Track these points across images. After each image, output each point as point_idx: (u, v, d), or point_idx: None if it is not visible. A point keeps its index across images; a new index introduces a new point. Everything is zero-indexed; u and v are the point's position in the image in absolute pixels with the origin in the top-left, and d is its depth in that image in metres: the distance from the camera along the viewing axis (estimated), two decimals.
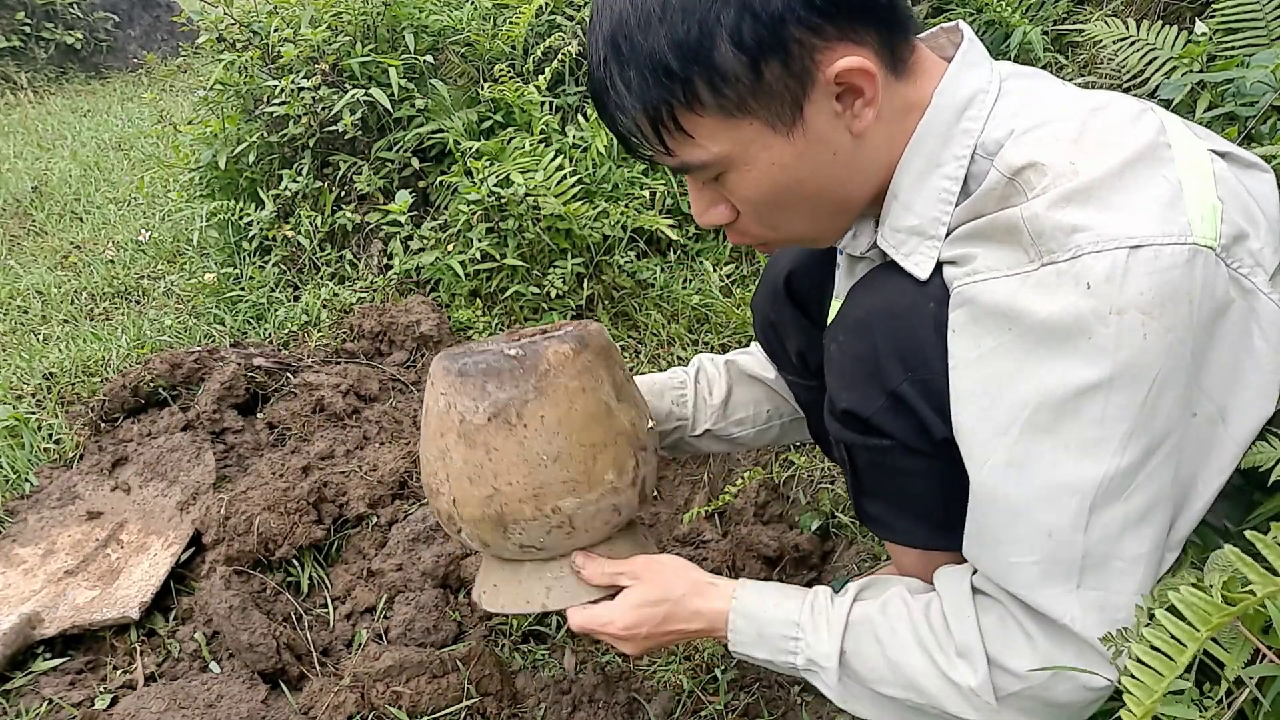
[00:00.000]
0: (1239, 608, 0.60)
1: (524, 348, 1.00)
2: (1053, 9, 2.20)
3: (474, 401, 0.98)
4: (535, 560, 1.07)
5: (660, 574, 1.02)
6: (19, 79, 6.30)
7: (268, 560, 1.56)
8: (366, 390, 2.07)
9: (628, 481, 1.04)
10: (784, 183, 0.82)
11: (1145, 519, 0.73)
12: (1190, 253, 0.69)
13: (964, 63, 0.83)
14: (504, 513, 1.00)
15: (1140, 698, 0.61)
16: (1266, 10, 1.48)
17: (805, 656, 0.91)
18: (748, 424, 1.31)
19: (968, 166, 0.80)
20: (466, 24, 2.77)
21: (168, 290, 2.91)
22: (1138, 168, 0.72)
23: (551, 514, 1.00)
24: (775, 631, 0.93)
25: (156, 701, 1.29)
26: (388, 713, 1.27)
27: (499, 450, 0.98)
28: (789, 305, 1.17)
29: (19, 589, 1.56)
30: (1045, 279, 0.71)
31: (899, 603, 0.88)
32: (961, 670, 0.80)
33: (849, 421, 0.89)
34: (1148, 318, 0.68)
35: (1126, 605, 0.74)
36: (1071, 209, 0.71)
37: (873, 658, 0.87)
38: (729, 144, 0.80)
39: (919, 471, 0.86)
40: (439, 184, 2.55)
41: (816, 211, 0.87)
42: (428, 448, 1.05)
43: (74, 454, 1.91)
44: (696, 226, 2.45)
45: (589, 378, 1.01)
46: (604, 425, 1.02)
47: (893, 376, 0.84)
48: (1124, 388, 0.69)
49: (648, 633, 1.00)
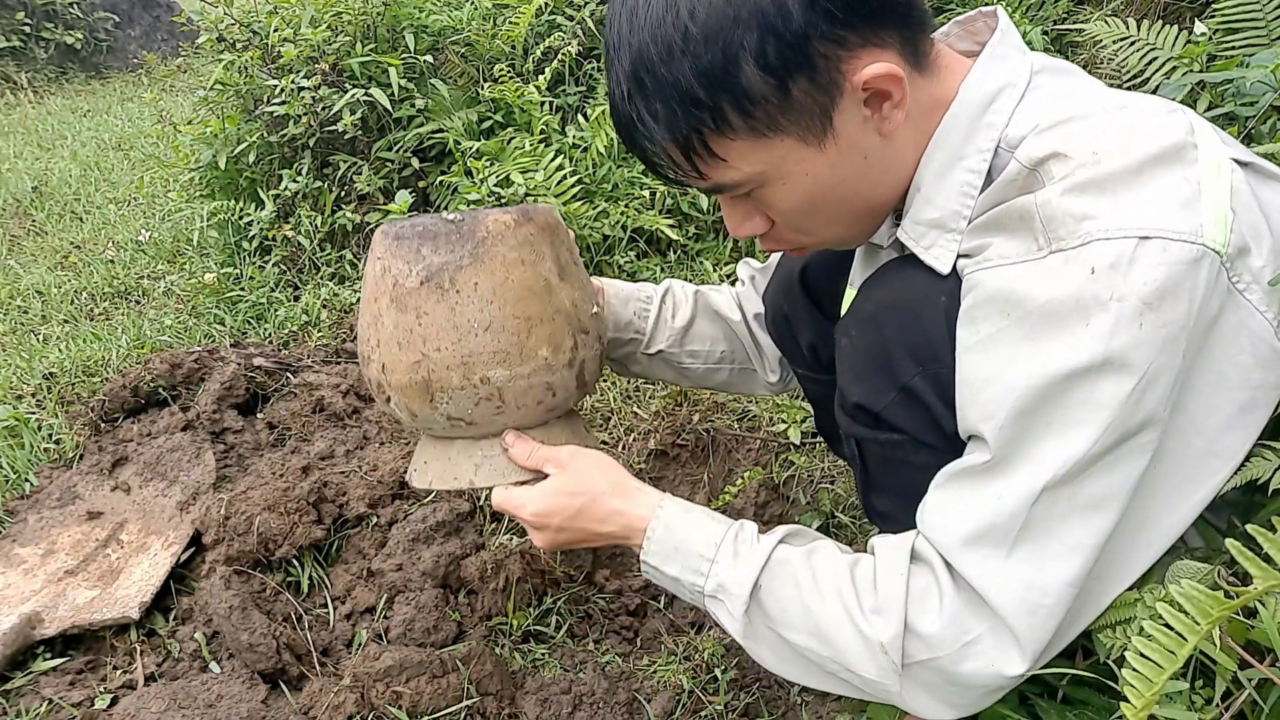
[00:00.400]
0: (1238, 601, 0.60)
1: (465, 216, 0.98)
2: (1053, 9, 2.20)
3: (408, 265, 0.96)
4: (466, 438, 1.04)
5: (584, 466, 0.99)
6: (19, 79, 6.30)
7: (268, 560, 1.55)
8: (366, 390, 2.07)
9: (564, 361, 1.01)
10: (819, 191, 0.83)
11: (1097, 508, 0.73)
12: (1199, 253, 0.69)
13: (993, 55, 0.82)
14: (431, 380, 0.97)
15: (1140, 690, 0.61)
16: (1266, 10, 1.48)
17: (716, 581, 0.88)
18: (700, 358, 1.29)
19: (991, 160, 0.80)
20: (466, 24, 2.78)
21: (168, 290, 2.91)
22: (1160, 164, 0.72)
23: (480, 384, 0.97)
24: (693, 549, 0.90)
25: (156, 701, 1.29)
26: (388, 713, 1.27)
27: (429, 315, 0.96)
28: (803, 298, 1.17)
29: (19, 589, 1.56)
30: (1051, 265, 0.71)
31: (827, 554, 0.86)
32: (876, 625, 0.79)
33: (860, 415, 0.89)
34: (1147, 309, 0.68)
35: (1055, 591, 0.73)
36: (1085, 197, 0.71)
37: (787, 599, 0.85)
38: (762, 163, 0.80)
39: (929, 465, 0.85)
40: (439, 184, 2.55)
41: (850, 215, 0.87)
42: (363, 315, 1.03)
43: (74, 454, 1.91)
44: (697, 227, 2.45)
45: (529, 250, 0.98)
46: (542, 300, 0.99)
47: (904, 370, 0.84)
48: (1113, 375, 0.69)
49: (559, 524, 0.97)
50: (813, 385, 1.26)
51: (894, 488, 0.93)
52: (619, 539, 0.97)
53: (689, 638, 1.45)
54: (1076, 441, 0.71)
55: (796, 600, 0.84)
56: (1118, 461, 0.72)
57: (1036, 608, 0.74)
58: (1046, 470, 0.72)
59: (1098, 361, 0.69)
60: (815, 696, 1.32)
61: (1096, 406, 0.70)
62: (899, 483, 0.91)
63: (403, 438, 1.89)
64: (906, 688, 0.79)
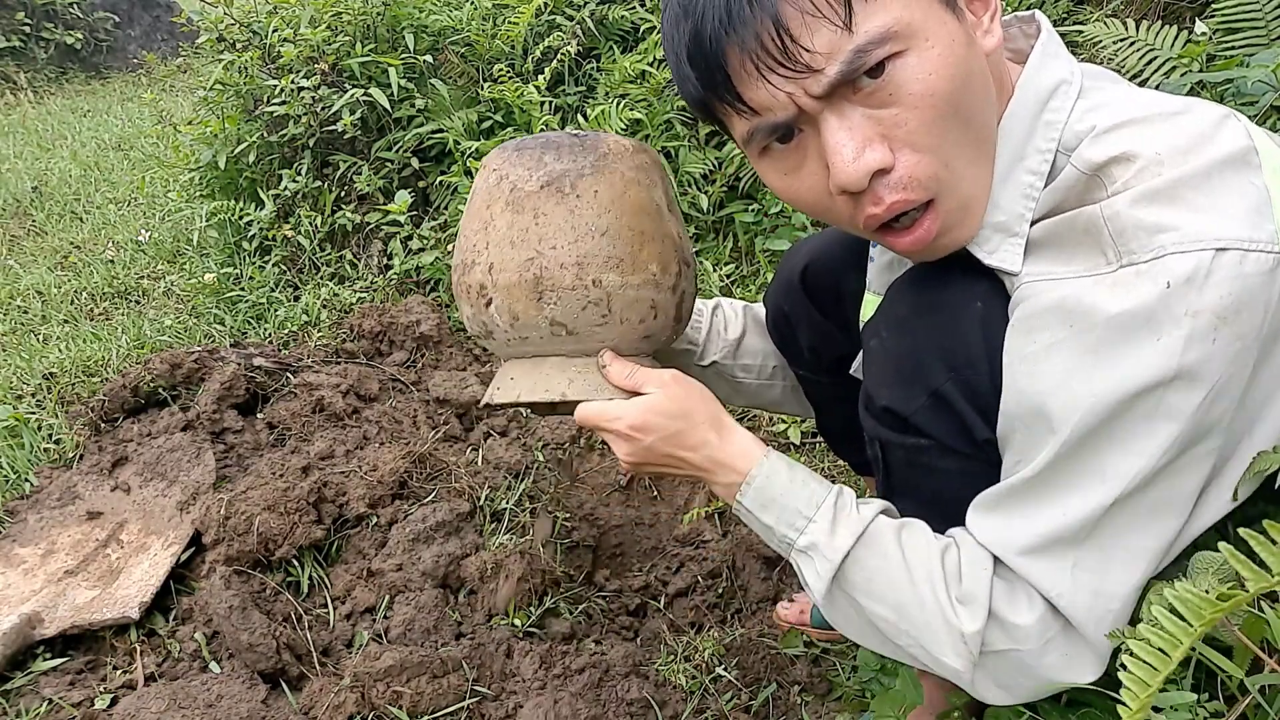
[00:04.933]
0: (1231, 603, 0.60)
1: (587, 133, 1.01)
2: (1052, 9, 2.20)
3: (528, 171, 0.98)
4: (560, 355, 1.03)
5: (689, 391, 0.96)
6: (19, 79, 6.30)
7: (268, 560, 1.56)
8: (366, 390, 2.07)
9: (670, 283, 1.02)
10: (963, 73, 0.73)
11: (1160, 514, 0.72)
12: (1275, 262, 0.67)
13: (1045, 52, 0.80)
14: (543, 276, 0.96)
15: (1136, 692, 0.61)
16: (1266, 10, 1.48)
17: (810, 539, 0.87)
18: (753, 372, 1.28)
19: (1052, 160, 0.78)
20: (466, 24, 2.78)
21: (168, 290, 2.91)
22: (1226, 171, 0.70)
23: (591, 286, 0.97)
24: (793, 505, 0.88)
25: (156, 701, 1.29)
26: (388, 713, 1.28)
27: (547, 215, 0.97)
28: (803, 298, 1.17)
29: (19, 589, 1.56)
30: (1123, 279, 0.68)
31: (920, 534, 0.85)
32: (963, 615, 0.78)
33: (887, 419, 0.87)
34: (1222, 323, 0.66)
35: (1121, 596, 0.73)
36: (1156, 207, 0.68)
37: (875, 569, 0.83)
38: (912, 6, 0.71)
39: (955, 472, 0.84)
40: (439, 184, 2.55)
41: (975, 141, 0.77)
42: (468, 225, 1.03)
43: (74, 454, 1.91)
44: (697, 228, 2.45)
45: (644, 175, 1.01)
46: (654, 221, 1.00)
47: (936, 375, 0.82)
48: (1183, 389, 0.67)
49: (651, 443, 0.94)
50: (814, 387, 1.25)
51: (916, 493, 0.91)
52: (701, 471, 0.94)
53: (689, 638, 1.45)
54: (1144, 454, 0.69)
55: (883, 572, 0.83)
56: (1184, 468, 0.71)
57: (1105, 614, 0.74)
58: (1115, 485, 0.71)
59: (1169, 377, 0.67)
60: (815, 697, 1.32)
61: (1165, 419, 0.68)
62: (922, 488, 0.90)
63: (402, 438, 1.90)
64: (979, 676, 0.79)
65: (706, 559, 1.60)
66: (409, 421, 1.97)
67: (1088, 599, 0.74)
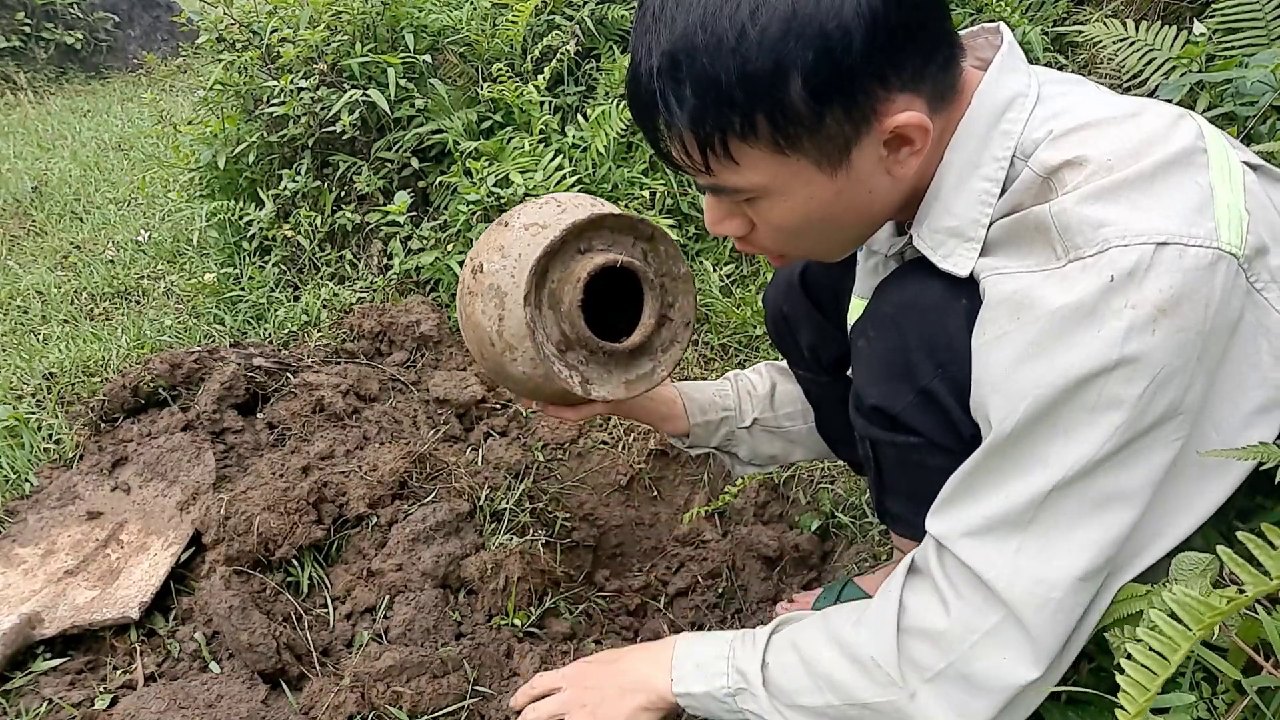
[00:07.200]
0: (1230, 606, 0.60)
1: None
2: (1052, 9, 2.20)
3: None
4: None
5: (587, 668, 1.11)
6: (19, 79, 6.30)
7: (268, 560, 1.56)
8: (366, 390, 2.07)
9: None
10: (816, 215, 0.82)
11: (1108, 505, 0.73)
12: (1214, 257, 0.69)
13: (1004, 66, 0.83)
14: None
15: (1134, 696, 0.61)
16: (1266, 10, 1.49)
17: (737, 671, 0.93)
18: (798, 418, 1.32)
19: (1007, 169, 0.80)
20: (465, 24, 2.78)
21: (168, 290, 2.91)
22: (1171, 170, 0.72)
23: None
24: (710, 659, 0.96)
25: (156, 701, 1.29)
26: (388, 713, 1.28)
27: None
28: (803, 298, 1.18)
29: (19, 589, 1.56)
30: (1069, 273, 0.71)
31: (833, 612, 0.90)
32: (865, 642, 0.81)
33: (876, 418, 0.89)
34: (1162, 315, 0.68)
35: (1063, 585, 0.74)
36: (1100, 205, 0.71)
37: (791, 665, 0.88)
38: (771, 175, 0.79)
39: (945, 469, 0.85)
40: (439, 184, 2.55)
41: (835, 237, 0.88)
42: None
43: (74, 454, 1.91)
44: (697, 227, 2.45)
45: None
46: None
47: (923, 373, 0.84)
48: (1124, 379, 0.70)
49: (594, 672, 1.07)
50: (813, 387, 1.26)
51: (908, 490, 0.93)
52: (647, 684, 1.02)
53: None
54: (1087, 442, 0.71)
55: (798, 663, 0.87)
56: (1131, 460, 0.72)
57: (1046, 601, 0.74)
58: (1057, 470, 0.72)
59: (1109, 366, 0.69)
60: None
61: (1108, 408, 0.70)
62: (913, 485, 0.91)
63: (402, 437, 1.90)
64: (921, 702, 0.80)
65: (706, 559, 1.60)
66: (409, 421, 1.97)
67: (1028, 584, 0.74)
